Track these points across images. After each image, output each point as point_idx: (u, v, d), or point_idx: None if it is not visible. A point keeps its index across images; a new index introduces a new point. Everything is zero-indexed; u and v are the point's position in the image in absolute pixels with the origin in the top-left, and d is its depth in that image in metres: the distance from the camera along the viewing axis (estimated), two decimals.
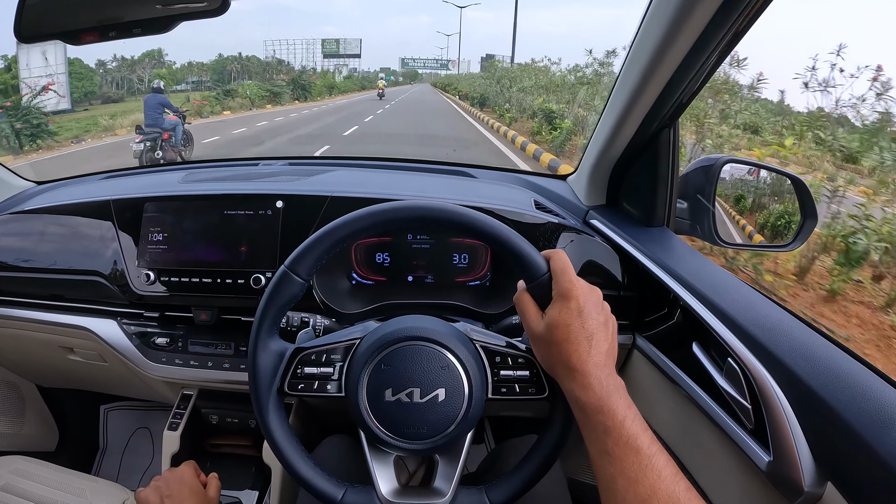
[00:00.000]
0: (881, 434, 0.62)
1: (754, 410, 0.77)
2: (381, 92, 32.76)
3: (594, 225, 1.24)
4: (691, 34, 0.87)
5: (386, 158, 1.82)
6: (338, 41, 62.03)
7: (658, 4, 0.88)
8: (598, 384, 0.65)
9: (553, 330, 0.69)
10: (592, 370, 0.66)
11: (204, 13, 0.88)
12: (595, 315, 0.69)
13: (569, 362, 0.67)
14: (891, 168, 4.48)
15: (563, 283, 0.70)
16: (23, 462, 1.26)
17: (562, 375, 0.69)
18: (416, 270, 1.23)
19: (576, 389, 0.67)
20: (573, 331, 0.67)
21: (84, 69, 23.27)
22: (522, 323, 0.74)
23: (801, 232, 1.18)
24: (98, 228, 1.25)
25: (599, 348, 0.68)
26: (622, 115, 1.10)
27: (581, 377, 0.66)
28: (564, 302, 0.69)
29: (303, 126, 16.95)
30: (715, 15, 0.82)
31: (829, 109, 4.95)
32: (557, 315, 0.69)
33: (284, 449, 0.77)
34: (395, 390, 0.74)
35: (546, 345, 0.70)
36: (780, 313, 0.86)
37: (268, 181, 1.37)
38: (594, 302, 0.70)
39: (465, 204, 0.81)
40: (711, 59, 0.93)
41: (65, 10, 0.93)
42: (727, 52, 0.92)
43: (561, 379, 0.70)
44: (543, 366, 0.74)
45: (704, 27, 0.85)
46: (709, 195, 1.15)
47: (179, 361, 1.23)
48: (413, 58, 79.17)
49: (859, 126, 4.90)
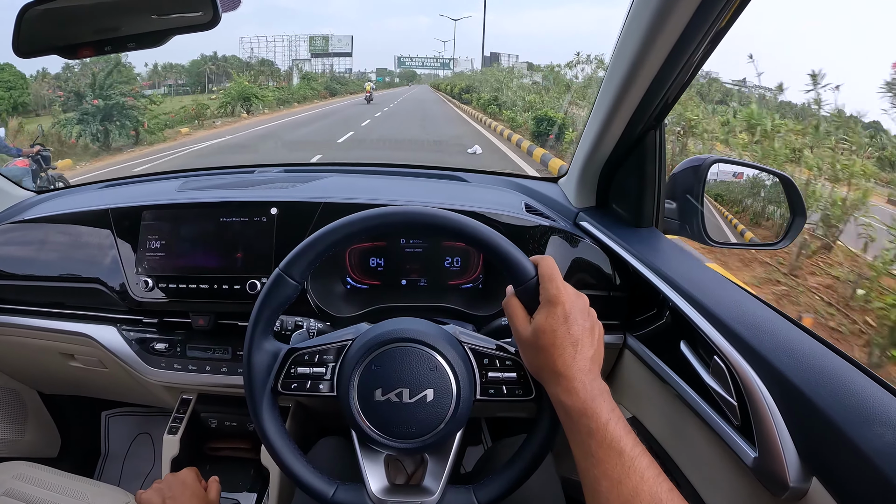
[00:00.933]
0: (863, 429, 0.63)
1: (740, 407, 0.78)
2: (368, 95, 29.14)
3: (584, 227, 1.25)
4: (671, 35, 0.88)
5: (379, 164, 1.84)
6: (326, 38, 54.70)
7: (638, 6, 0.89)
8: (582, 388, 0.67)
9: (539, 335, 0.70)
10: (577, 374, 0.68)
11: (197, 27, 0.90)
12: (581, 321, 0.70)
13: (554, 367, 0.69)
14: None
15: (550, 289, 0.71)
16: (25, 467, 1.27)
17: (547, 379, 0.71)
18: (410, 274, 1.24)
19: (560, 393, 0.68)
20: (559, 336, 0.69)
21: (15, 76, 18.90)
22: (511, 327, 0.75)
23: (790, 230, 1.19)
24: (97, 237, 1.27)
25: (584, 354, 0.69)
26: (608, 117, 1.12)
27: (566, 381, 0.68)
28: (551, 307, 0.70)
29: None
30: (694, 15, 0.83)
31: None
32: (544, 321, 0.70)
33: (277, 446, 0.79)
34: (384, 390, 0.75)
35: (533, 349, 0.72)
36: (764, 311, 0.87)
37: (262, 188, 1.39)
38: (580, 308, 0.72)
39: (457, 208, 0.83)
40: (694, 59, 0.94)
41: (61, 25, 0.94)
42: (709, 51, 0.93)
43: (546, 383, 0.72)
44: (530, 370, 0.75)
45: (684, 27, 0.86)
46: (697, 195, 1.16)
47: (178, 366, 1.25)
48: (410, 56, 69.52)
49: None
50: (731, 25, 0.86)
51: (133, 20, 0.93)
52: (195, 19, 0.90)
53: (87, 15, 0.94)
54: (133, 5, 0.93)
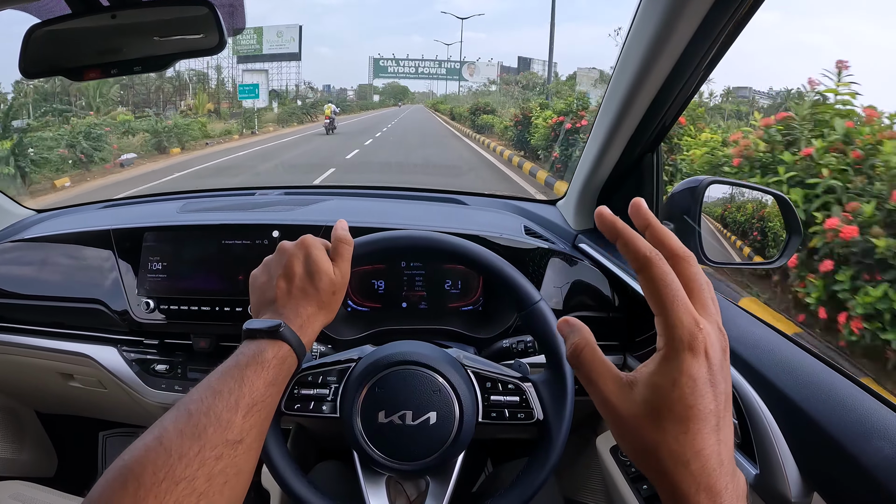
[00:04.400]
0: (862, 443, 0.64)
1: (741, 425, 0.79)
2: (328, 122, 20.40)
3: (583, 248, 1.27)
4: (669, 60, 0.90)
5: (381, 187, 1.85)
6: (260, 30, 30.30)
7: (636, 33, 0.92)
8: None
9: (665, 398, 0.41)
10: (723, 482, 0.40)
11: (203, 51, 0.91)
12: (725, 380, 0.42)
13: (692, 466, 0.40)
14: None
15: (684, 323, 0.41)
16: (23, 487, 1.26)
17: (677, 481, 0.40)
18: (411, 297, 1.25)
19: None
20: (700, 405, 0.40)
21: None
22: (590, 391, 0.45)
23: (786, 248, 1.20)
24: (98, 257, 1.27)
25: (727, 438, 0.42)
26: (607, 141, 1.14)
27: (710, 496, 0.40)
28: (685, 356, 0.40)
29: None
30: (691, 41, 0.85)
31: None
32: (670, 377, 0.41)
33: (280, 466, 0.79)
34: (388, 412, 0.76)
35: (643, 421, 0.42)
36: (763, 330, 0.89)
37: (264, 211, 1.40)
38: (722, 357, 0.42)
39: (458, 232, 0.84)
40: (691, 84, 0.96)
41: (66, 47, 0.95)
42: (705, 76, 0.95)
43: (674, 482, 0.40)
44: (632, 455, 0.44)
45: (682, 53, 0.88)
46: (694, 215, 1.18)
47: (179, 388, 1.24)
48: (395, 58, 41.37)
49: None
50: (727, 51, 0.89)
51: (138, 44, 0.94)
52: (201, 43, 0.91)
53: (92, 38, 0.95)
54: (138, 29, 0.94)
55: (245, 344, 0.65)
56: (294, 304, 0.70)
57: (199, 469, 0.50)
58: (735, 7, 0.76)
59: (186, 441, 0.51)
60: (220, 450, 0.52)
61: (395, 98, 48.40)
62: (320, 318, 0.72)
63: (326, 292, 0.71)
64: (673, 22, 0.81)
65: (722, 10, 0.77)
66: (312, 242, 0.74)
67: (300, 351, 0.67)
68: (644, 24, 0.87)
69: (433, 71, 41.15)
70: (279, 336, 0.65)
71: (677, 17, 0.80)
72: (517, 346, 1.12)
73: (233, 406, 0.56)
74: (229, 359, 0.63)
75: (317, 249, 0.73)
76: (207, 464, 0.51)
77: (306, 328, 0.69)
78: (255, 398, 0.58)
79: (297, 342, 0.66)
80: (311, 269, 0.71)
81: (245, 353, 0.63)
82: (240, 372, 0.60)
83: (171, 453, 0.50)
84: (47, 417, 1.79)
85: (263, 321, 0.67)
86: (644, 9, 0.86)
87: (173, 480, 0.48)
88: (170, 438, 0.51)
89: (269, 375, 0.61)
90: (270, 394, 0.61)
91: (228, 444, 0.53)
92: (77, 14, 0.90)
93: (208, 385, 0.58)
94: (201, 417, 0.54)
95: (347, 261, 0.75)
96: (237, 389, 0.58)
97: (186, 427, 0.53)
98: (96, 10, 0.89)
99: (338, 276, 0.73)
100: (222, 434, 0.53)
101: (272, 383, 0.62)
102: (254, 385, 0.59)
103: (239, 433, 0.55)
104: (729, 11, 0.77)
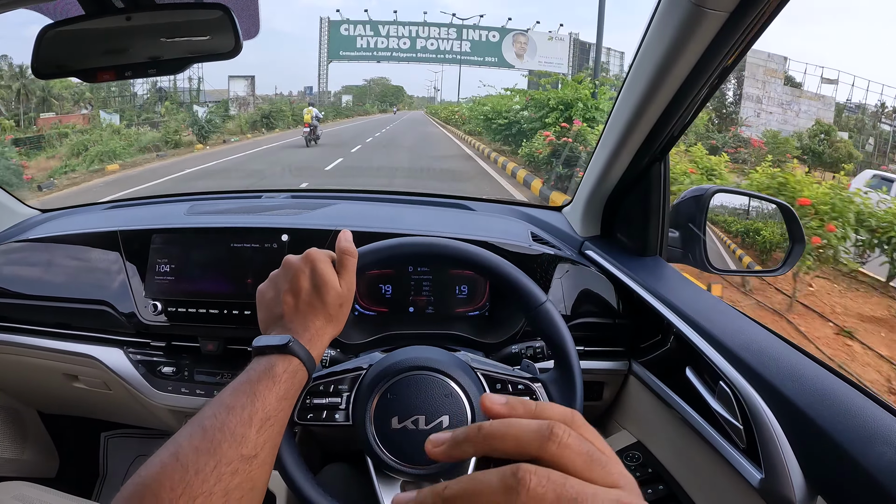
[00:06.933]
0: (865, 448, 0.65)
1: (746, 430, 0.80)
2: (308, 131, 17.27)
3: (589, 255, 1.28)
4: (681, 72, 0.91)
5: (387, 192, 1.86)
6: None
7: (649, 44, 0.93)
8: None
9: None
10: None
11: (218, 55, 0.92)
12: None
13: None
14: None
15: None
16: (25, 487, 1.26)
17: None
18: (418, 301, 1.26)
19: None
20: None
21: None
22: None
23: (789, 257, 1.22)
24: (105, 258, 1.27)
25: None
26: (616, 150, 1.15)
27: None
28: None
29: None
30: (704, 54, 0.86)
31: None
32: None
33: (294, 474, 0.79)
34: (401, 418, 0.77)
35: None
36: (768, 337, 0.90)
37: (272, 215, 1.40)
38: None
39: (466, 238, 0.85)
40: (700, 96, 0.98)
41: (78, 48, 0.95)
42: (715, 88, 0.97)
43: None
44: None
45: (694, 65, 0.89)
46: (700, 224, 1.19)
47: (185, 390, 1.24)
48: (371, 20, 26.80)
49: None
50: (738, 62, 0.90)
51: (153, 46, 0.95)
52: (216, 46, 0.91)
53: (106, 39, 0.95)
54: (153, 31, 0.94)
55: (255, 360, 0.66)
56: (302, 318, 0.71)
57: (216, 484, 0.51)
58: (748, 24, 0.77)
59: (202, 457, 0.52)
60: (236, 465, 0.53)
61: (388, 103, 34.76)
62: (329, 330, 0.73)
63: (333, 305, 0.73)
64: (686, 36, 0.83)
65: (735, 26, 0.78)
66: (317, 256, 0.75)
67: (310, 364, 0.68)
68: (657, 36, 0.89)
69: (446, 47, 23.37)
70: (289, 351, 0.66)
71: (690, 32, 0.82)
72: (526, 351, 1.13)
73: (246, 421, 0.57)
74: (240, 375, 0.64)
75: (322, 263, 0.74)
76: (224, 479, 0.52)
77: (315, 341, 0.70)
78: (267, 412, 0.59)
79: (306, 356, 0.68)
80: (318, 283, 0.73)
81: (256, 369, 0.64)
82: (251, 387, 0.61)
83: (188, 469, 0.51)
84: (49, 418, 1.79)
85: (272, 337, 0.68)
86: (658, 21, 0.88)
87: (190, 496, 0.49)
88: (185, 454, 0.52)
89: (280, 390, 0.63)
90: (283, 408, 0.62)
91: (243, 458, 0.55)
92: (91, 15, 0.90)
93: (221, 401, 0.59)
94: (216, 433, 0.55)
95: (353, 272, 0.77)
96: (250, 405, 0.59)
97: (202, 443, 0.54)
98: (110, 12, 0.89)
99: (344, 288, 0.75)
100: (237, 449, 0.54)
101: (284, 397, 0.63)
102: (266, 400, 0.60)
103: (253, 448, 0.56)
104: (741, 28, 0.78)
